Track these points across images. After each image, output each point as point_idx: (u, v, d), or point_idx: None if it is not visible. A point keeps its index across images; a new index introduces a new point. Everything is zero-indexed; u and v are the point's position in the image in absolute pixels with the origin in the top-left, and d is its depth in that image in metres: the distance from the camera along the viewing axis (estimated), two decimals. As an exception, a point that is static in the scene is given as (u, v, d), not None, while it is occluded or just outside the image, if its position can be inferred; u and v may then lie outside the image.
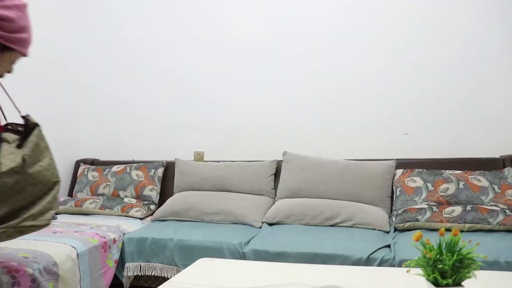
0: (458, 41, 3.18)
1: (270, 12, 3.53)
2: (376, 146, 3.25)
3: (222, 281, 1.68)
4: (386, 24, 3.31)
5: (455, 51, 3.19)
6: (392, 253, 2.32)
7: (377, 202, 2.94)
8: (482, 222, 2.53)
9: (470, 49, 3.17)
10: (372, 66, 3.33)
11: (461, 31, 3.18)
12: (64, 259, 2.30)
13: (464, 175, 2.88)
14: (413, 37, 3.26)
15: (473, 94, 3.18)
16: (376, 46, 3.32)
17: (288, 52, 3.49)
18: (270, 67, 3.53)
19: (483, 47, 3.15)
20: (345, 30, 3.39)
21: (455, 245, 1.23)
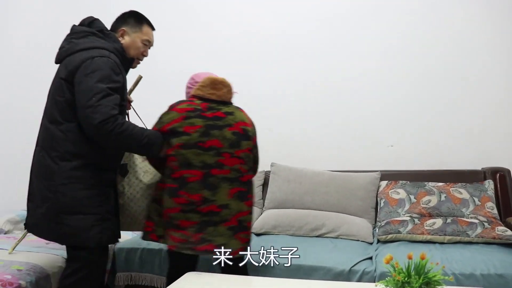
0: (441, 56, 3.29)
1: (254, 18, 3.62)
2: (361, 158, 3.34)
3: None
4: (370, 37, 3.41)
5: (438, 65, 3.30)
6: (373, 265, 2.41)
7: (362, 213, 3.03)
8: (462, 235, 2.63)
9: (453, 63, 3.28)
10: (357, 79, 3.43)
11: (444, 46, 3.28)
12: (57, 271, 2.37)
13: (446, 187, 2.97)
14: (396, 52, 3.36)
15: (456, 107, 3.28)
16: (360, 60, 3.41)
17: (276, 63, 3.57)
18: (257, 78, 3.59)
19: (465, 61, 3.26)
20: (329, 44, 3.48)
21: (422, 268, 1.31)
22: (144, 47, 2.21)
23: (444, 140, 3.29)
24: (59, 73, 2.02)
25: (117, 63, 2.00)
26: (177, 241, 2.01)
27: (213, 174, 2.01)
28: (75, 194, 1.94)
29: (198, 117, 2.05)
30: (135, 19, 2.19)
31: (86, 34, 2.05)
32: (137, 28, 2.17)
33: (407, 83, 3.35)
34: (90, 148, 1.96)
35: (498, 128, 3.23)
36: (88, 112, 1.85)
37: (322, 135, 3.44)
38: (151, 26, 2.24)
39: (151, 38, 2.23)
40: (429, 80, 3.30)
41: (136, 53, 2.19)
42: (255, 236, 2.96)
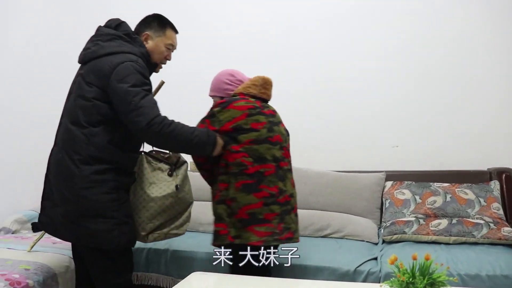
0: (446, 56, 3.28)
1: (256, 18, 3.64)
2: (366, 158, 3.34)
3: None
4: (373, 37, 3.41)
5: (443, 65, 3.29)
6: (378, 266, 2.42)
7: (367, 213, 3.04)
8: (467, 235, 2.62)
9: (458, 63, 3.27)
10: (362, 79, 3.42)
11: (447, 46, 3.28)
12: (64, 271, 2.40)
13: (452, 188, 2.97)
14: (401, 52, 3.35)
15: (461, 107, 3.27)
16: (365, 60, 3.41)
17: (279, 64, 3.55)
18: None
19: (470, 61, 3.25)
20: (331, 43, 3.48)
21: (427, 269, 1.32)
22: (168, 51, 2.19)
23: (450, 140, 3.28)
24: (85, 77, 2.00)
25: (143, 67, 2.01)
26: (264, 235, 2.05)
27: (281, 166, 2.16)
28: (96, 198, 1.93)
29: (260, 114, 2.15)
30: (158, 22, 2.16)
31: (112, 37, 2.04)
32: (161, 32, 2.15)
33: (412, 83, 3.34)
34: (112, 153, 1.97)
35: (504, 128, 3.21)
36: (132, 117, 1.87)
37: (326, 135, 3.44)
38: (175, 29, 2.21)
39: (174, 42, 2.21)
40: (434, 80, 3.30)
41: (160, 58, 2.17)
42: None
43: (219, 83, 2.27)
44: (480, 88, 3.25)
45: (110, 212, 1.96)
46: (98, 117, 1.94)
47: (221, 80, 2.28)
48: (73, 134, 1.96)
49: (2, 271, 2.18)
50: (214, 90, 2.30)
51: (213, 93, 2.30)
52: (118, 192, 2.00)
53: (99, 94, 1.94)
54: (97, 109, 1.94)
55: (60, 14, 3.80)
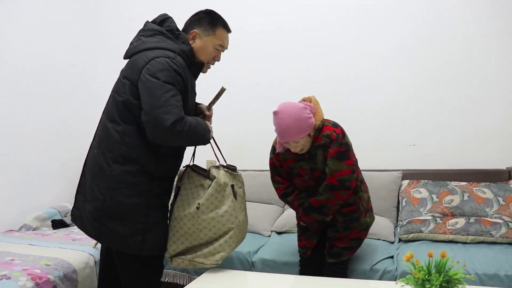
0: (464, 53, 3.24)
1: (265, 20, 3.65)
2: (383, 157, 3.32)
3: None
4: (391, 36, 3.39)
5: (461, 63, 3.25)
6: (394, 265, 2.41)
7: (383, 212, 3.02)
8: (485, 235, 2.60)
9: (476, 61, 3.23)
10: (378, 77, 3.41)
11: (468, 43, 3.24)
12: (83, 267, 2.45)
13: (469, 187, 2.94)
14: (417, 49, 3.33)
15: (479, 105, 3.23)
16: (382, 57, 3.40)
17: (289, 61, 3.59)
18: (275, 78, 3.63)
19: (489, 58, 3.21)
20: (349, 42, 3.47)
21: (443, 266, 1.32)
22: (216, 52, 2.04)
23: (467, 139, 3.24)
24: (123, 72, 1.97)
25: (181, 65, 1.90)
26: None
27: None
28: (121, 200, 1.88)
29: None
30: (209, 20, 2.02)
31: (154, 33, 1.98)
32: (210, 31, 2.01)
33: (429, 81, 3.31)
34: (144, 154, 1.89)
35: (524, 127, 3.17)
36: (159, 113, 1.77)
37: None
38: (227, 28, 2.06)
39: (224, 43, 2.05)
40: (452, 78, 3.26)
41: (207, 58, 2.04)
42: (277, 234, 3.00)
43: (305, 121, 2.12)
44: (499, 86, 3.21)
45: (136, 217, 1.89)
46: (127, 113, 1.88)
47: (305, 118, 2.13)
48: (109, 132, 1.91)
49: (24, 266, 2.24)
50: (304, 131, 2.12)
51: (303, 134, 2.13)
52: (148, 197, 1.91)
53: (132, 90, 1.88)
54: (129, 106, 1.88)
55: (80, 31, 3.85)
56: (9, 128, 3.26)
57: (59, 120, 3.70)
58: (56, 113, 3.67)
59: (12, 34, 3.32)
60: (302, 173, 2.28)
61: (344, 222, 2.27)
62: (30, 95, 3.45)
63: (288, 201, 2.41)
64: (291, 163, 2.30)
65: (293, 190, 2.37)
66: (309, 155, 2.23)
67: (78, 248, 2.61)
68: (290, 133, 2.12)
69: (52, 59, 3.64)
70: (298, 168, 2.28)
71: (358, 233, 2.31)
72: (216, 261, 1.98)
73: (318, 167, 2.22)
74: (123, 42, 3.50)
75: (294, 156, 2.26)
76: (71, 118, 3.83)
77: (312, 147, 2.20)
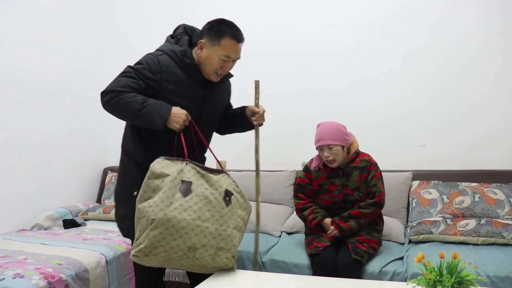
0: (473, 55, 3.23)
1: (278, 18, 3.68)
2: (393, 158, 3.31)
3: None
4: (401, 37, 3.38)
5: (471, 64, 3.24)
6: (404, 266, 2.40)
7: (393, 213, 3.01)
8: (497, 236, 2.57)
9: (487, 62, 3.21)
10: (388, 78, 3.41)
11: (475, 44, 3.22)
12: (94, 266, 2.46)
13: (480, 188, 2.92)
14: (428, 50, 3.32)
15: (490, 105, 3.21)
16: (392, 59, 3.40)
17: (304, 66, 3.62)
18: (287, 80, 3.65)
19: (500, 59, 3.18)
20: (361, 44, 3.48)
21: (455, 267, 1.31)
22: (223, 62, 2.02)
23: (478, 139, 3.22)
24: None
25: (162, 63, 1.98)
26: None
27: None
28: (116, 187, 2.18)
29: None
30: (216, 30, 2.01)
31: (165, 40, 2.17)
32: (216, 42, 1.99)
33: (439, 82, 3.30)
34: (131, 146, 2.09)
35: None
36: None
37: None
38: (236, 38, 2.01)
39: (231, 53, 2.01)
40: (463, 79, 3.25)
41: (212, 68, 2.03)
42: (287, 234, 3.00)
43: (341, 134, 2.53)
44: (510, 86, 3.18)
45: (124, 203, 2.04)
46: None
47: (342, 132, 2.54)
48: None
49: (36, 265, 2.26)
50: (339, 139, 2.51)
51: (337, 142, 2.49)
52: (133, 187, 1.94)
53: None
54: None
55: (87, 31, 3.88)
56: (21, 128, 3.30)
57: (72, 121, 3.74)
58: (68, 113, 3.71)
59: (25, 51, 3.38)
60: (331, 189, 2.58)
61: (367, 229, 2.53)
62: (42, 96, 3.48)
63: (303, 215, 2.64)
64: (323, 180, 2.61)
65: (310, 206, 2.63)
66: (343, 173, 2.56)
67: (90, 247, 2.63)
68: (326, 137, 2.49)
69: (66, 62, 3.68)
70: (329, 184, 2.59)
71: (375, 243, 2.53)
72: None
73: (349, 185, 2.55)
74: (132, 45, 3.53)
75: (328, 173, 2.59)
76: (83, 118, 3.87)
77: (348, 167, 2.56)
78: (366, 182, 2.55)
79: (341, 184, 2.57)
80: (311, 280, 1.97)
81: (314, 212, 2.59)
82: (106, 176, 3.94)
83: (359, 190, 2.55)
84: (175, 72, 2.01)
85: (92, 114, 3.96)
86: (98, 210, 3.50)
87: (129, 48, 4.09)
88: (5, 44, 3.20)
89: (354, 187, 2.55)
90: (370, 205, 2.51)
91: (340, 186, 2.57)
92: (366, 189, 2.55)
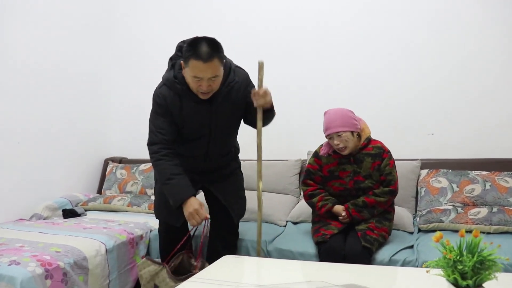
0: (483, 41, 3.13)
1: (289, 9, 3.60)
2: (401, 146, 3.21)
3: (246, 277, 1.71)
4: (409, 23, 3.29)
5: (480, 51, 3.14)
6: (415, 255, 2.32)
7: (402, 202, 2.93)
8: (509, 224, 2.49)
9: (495, 49, 3.11)
10: (397, 66, 3.32)
11: (485, 32, 3.13)
12: (94, 254, 2.39)
13: (491, 176, 2.84)
14: (437, 37, 3.22)
15: (500, 93, 3.11)
16: (402, 47, 3.30)
17: (310, 53, 3.53)
18: (293, 68, 3.57)
19: (509, 47, 3.09)
20: (370, 32, 3.39)
21: (476, 247, 1.23)
22: (197, 82, 2.07)
23: (487, 127, 3.13)
24: None
25: (163, 94, 2.22)
26: None
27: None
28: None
29: None
30: (184, 51, 2.07)
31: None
32: (186, 63, 2.07)
33: (447, 70, 3.21)
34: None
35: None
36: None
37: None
38: (200, 57, 2.00)
39: (198, 74, 2.04)
40: (471, 65, 3.15)
41: (193, 87, 2.13)
42: (292, 224, 2.93)
43: (349, 118, 2.43)
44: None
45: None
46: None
47: (350, 117, 2.44)
48: None
49: (33, 252, 2.18)
50: (347, 125, 2.41)
51: (346, 128, 2.40)
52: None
53: None
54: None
55: (88, 23, 3.81)
56: (20, 116, 3.22)
57: (73, 109, 3.67)
58: (69, 102, 3.64)
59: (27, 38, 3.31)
60: (342, 176, 2.50)
61: (377, 217, 2.45)
62: (43, 84, 3.41)
63: (312, 202, 2.56)
64: (333, 166, 2.52)
65: (319, 193, 2.55)
66: (355, 159, 2.48)
67: (89, 236, 2.54)
68: (334, 125, 2.40)
69: (67, 49, 3.61)
70: (339, 171, 2.50)
71: (386, 232, 2.45)
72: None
73: (361, 172, 2.47)
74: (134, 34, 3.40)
75: (338, 159, 2.50)
76: (85, 107, 3.81)
77: (360, 153, 2.48)
78: (379, 169, 2.46)
79: (353, 170, 2.48)
80: (320, 266, 1.90)
81: (324, 199, 2.51)
82: (107, 166, 3.86)
83: (371, 177, 2.46)
84: (174, 99, 2.21)
85: (93, 103, 3.91)
86: (98, 200, 3.42)
87: (131, 37, 4.05)
88: (5, 31, 3.13)
89: (366, 174, 2.47)
90: (386, 193, 2.44)
91: (352, 172, 2.48)
92: (379, 177, 2.46)
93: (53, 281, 2.10)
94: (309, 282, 1.63)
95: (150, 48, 3.95)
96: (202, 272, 1.74)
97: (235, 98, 2.28)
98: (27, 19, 3.28)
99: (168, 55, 2.30)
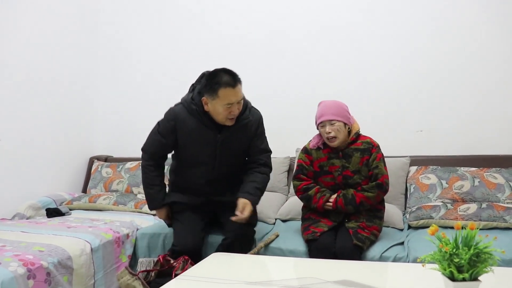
0: (472, 38, 3.14)
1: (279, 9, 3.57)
2: (390, 143, 3.18)
3: (235, 274, 1.67)
4: (400, 22, 3.29)
5: (469, 48, 3.15)
6: (405, 251, 2.31)
7: (391, 199, 2.91)
8: (498, 220, 2.50)
9: (484, 47, 3.13)
10: (385, 63, 3.31)
11: (474, 29, 3.14)
12: (78, 254, 2.32)
13: (480, 172, 2.84)
14: (427, 35, 3.23)
15: (488, 90, 3.13)
16: (389, 44, 3.30)
17: (298, 50, 3.50)
18: (280, 66, 3.55)
19: (498, 44, 3.10)
20: (358, 27, 3.38)
21: (472, 239, 1.21)
22: (228, 109, 2.23)
23: (476, 124, 3.14)
24: None
25: (174, 111, 2.37)
26: None
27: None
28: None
29: None
30: (210, 85, 2.21)
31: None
32: (214, 96, 2.20)
33: (436, 67, 3.21)
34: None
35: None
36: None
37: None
38: (231, 84, 2.19)
39: (231, 100, 2.21)
40: (461, 64, 3.16)
41: (222, 118, 2.26)
42: (281, 222, 2.89)
43: (343, 110, 2.44)
44: (509, 71, 3.10)
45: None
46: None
47: (344, 109, 2.45)
48: None
49: (15, 252, 2.11)
50: (341, 115, 2.41)
51: (340, 118, 2.40)
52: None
53: None
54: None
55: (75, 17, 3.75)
56: (2, 113, 3.14)
57: (56, 107, 3.59)
58: (53, 100, 3.56)
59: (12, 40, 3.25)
60: (331, 171, 2.47)
61: (368, 215, 2.42)
62: (26, 82, 3.33)
63: (308, 195, 2.49)
64: (323, 161, 2.49)
65: (314, 186, 2.51)
66: (344, 154, 2.46)
67: (74, 235, 2.47)
68: (329, 112, 2.39)
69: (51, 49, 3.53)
70: (329, 166, 2.48)
71: (377, 230, 2.43)
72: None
73: (350, 167, 2.44)
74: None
75: (327, 154, 2.48)
76: (70, 105, 3.73)
77: (348, 148, 2.46)
78: (367, 165, 2.44)
79: (341, 165, 2.45)
80: (311, 263, 1.86)
81: (321, 191, 2.46)
82: (93, 165, 3.78)
83: (359, 173, 2.44)
84: (185, 119, 2.33)
85: (78, 101, 3.83)
86: (83, 199, 3.35)
87: (116, 37, 3.97)
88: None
89: (355, 170, 2.44)
90: (373, 188, 2.40)
91: (340, 167, 2.45)
92: (367, 172, 2.44)
93: (36, 281, 2.03)
94: (300, 278, 1.60)
95: (135, 48, 3.91)
96: (192, 270, 1.70)
97: (243, 134, 2.41)
98: (12, 22, 3.21)
99: (151, 55, 2.30)
